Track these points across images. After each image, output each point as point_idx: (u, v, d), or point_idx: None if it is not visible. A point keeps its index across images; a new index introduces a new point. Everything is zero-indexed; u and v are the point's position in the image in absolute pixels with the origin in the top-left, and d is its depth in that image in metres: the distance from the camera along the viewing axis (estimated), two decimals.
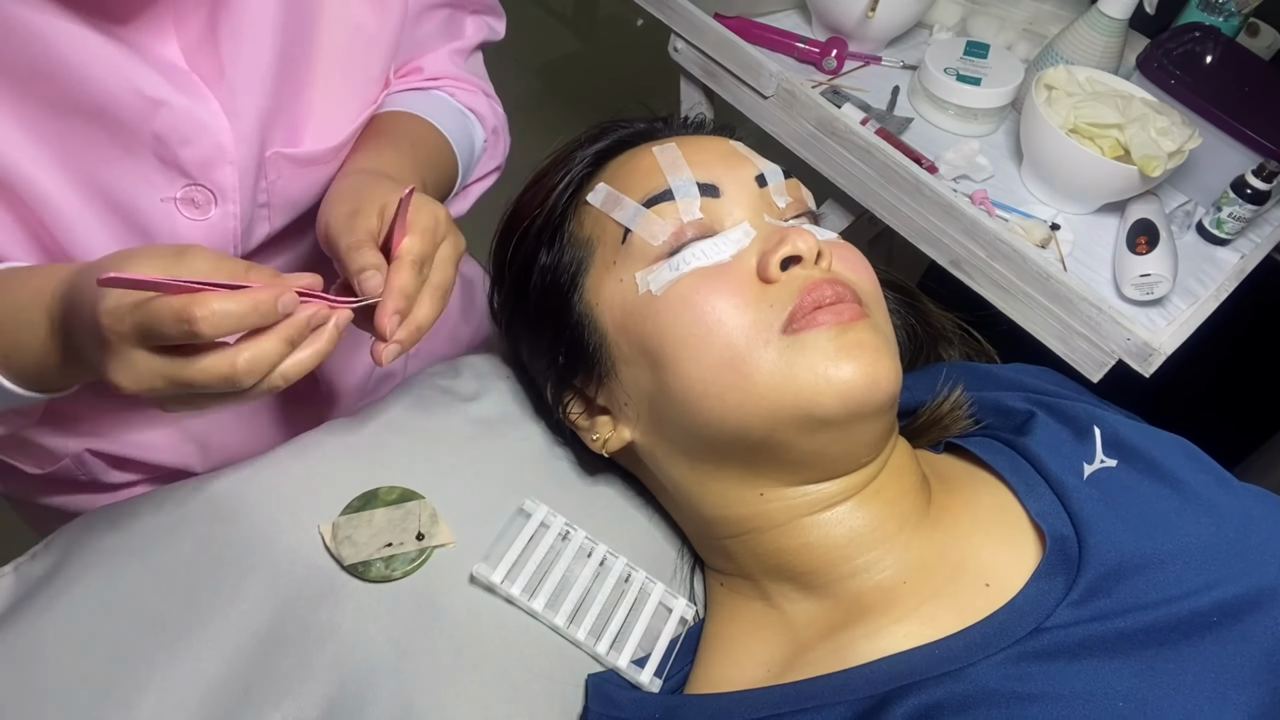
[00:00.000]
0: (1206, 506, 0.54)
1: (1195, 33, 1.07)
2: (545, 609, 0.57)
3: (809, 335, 0.52)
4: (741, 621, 0.58)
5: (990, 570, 0.53)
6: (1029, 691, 0.46)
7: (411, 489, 0.60)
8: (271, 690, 0.52)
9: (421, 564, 0.57)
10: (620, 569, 0.61)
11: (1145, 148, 0.91)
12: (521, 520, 0.60)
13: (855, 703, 0.49)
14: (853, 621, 0.53)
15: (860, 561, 0.55)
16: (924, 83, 1.05)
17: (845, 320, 0.53)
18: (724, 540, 0.59)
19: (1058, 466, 0.56)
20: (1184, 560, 0.51)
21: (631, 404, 0.59)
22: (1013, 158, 1.06)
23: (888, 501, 0.56)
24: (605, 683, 0.57)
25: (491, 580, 0.57)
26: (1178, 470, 0.55)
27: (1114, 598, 0.49)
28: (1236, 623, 0.49)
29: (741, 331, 0.53)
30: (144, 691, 0.50)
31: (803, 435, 0.53)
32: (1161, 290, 0.90)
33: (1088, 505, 0.53)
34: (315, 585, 0.55)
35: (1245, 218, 0.95)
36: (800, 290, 0.53)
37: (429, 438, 0.64)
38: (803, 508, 0.56)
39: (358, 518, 0.58)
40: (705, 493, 0.58)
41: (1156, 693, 0.46)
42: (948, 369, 0.69)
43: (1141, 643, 0.48)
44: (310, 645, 0.53)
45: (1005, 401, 0.64)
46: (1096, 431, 0.58)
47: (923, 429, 0.65)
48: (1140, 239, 0.92)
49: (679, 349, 0.54)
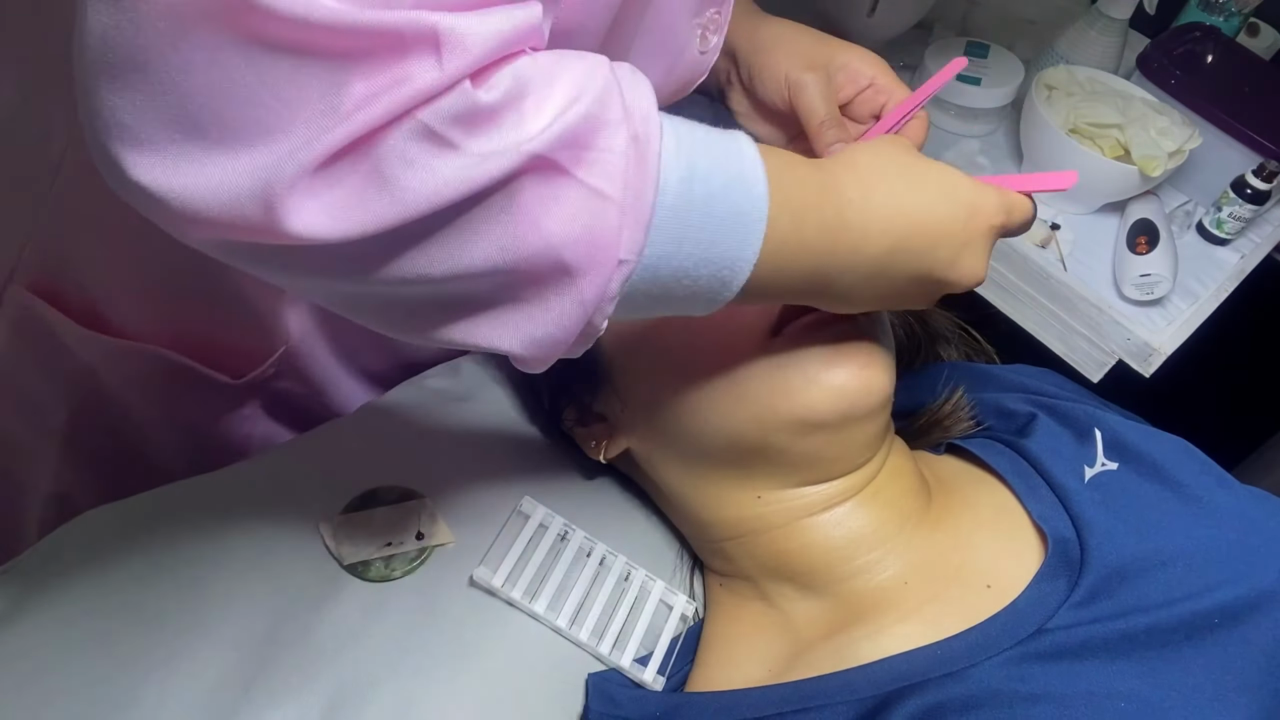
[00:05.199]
0: (1207, 509, 0.54)
1: (1195, 33, 1.07)
2: (547, 611, 0.57)
3: (801, 340, 0.52)
4: (741, 622, 0.58)
5: (992, 572, 0.53)
6: (1031, 692, 0.46)
7: (411, 488, 0.60)
8: (272, 690, 0.52)
9: (421, 563, 0.57)
10: (620, 568, 0.61)
11: (1145, 148, 0.91)
12: (520, 521, 0.60)
13: (857, 703, 0.49)
14: (854, 622, 0.53)
15: (861, 562, 0.55)
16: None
17: (836, 325, 0.53)
18: (722, 542, 0.59)
19: (1059, 469, 0.56)
20: (1185, 562, 0.51)
21: (627, 411, 0.59)
22: (1013, 158, 1.05)
23: (887, 503, 0.56)
24: (606, 682, 0.57)
25: (492, 584, 0.57)
26: (1178, 472, 0.55)
27: (1116, 600, 0.49)
28: (1238, 624, 0.49)
29: (733, 335, 0.53)
30: (144, 691, 0.50)
31: (797, 438, 0.53)
32: (1161, 290, 0.90)
33: (1089, 508, 0.53)
34: (315, 585, 0.55)
35: (1245, 218, 0.95)
36: None
37: (429, 437, 0.64)
38: (801, 510, 0.56)
39: (357, 517, 0.57)
40: (702, 497, 0.58)
41: (1158, 694, 0.46)
42: (948, 370, 0.69)
43: (1143, 644, 0.48)
44: (310, 645, 0.53)
45: (1006, 403, 0.64)
46: (1097, 434, 0.58)
47: (923, 430, 0.65)
48: (1140, 239, 0.92)
49: (672, 357, 0.54)
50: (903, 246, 0.46)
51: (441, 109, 0.32)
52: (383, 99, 0.31)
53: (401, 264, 0.35)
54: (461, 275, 0.35)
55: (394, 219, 0.33)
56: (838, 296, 0.47)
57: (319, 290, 0.39)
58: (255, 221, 0.32)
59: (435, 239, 0.34)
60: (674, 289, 0.39)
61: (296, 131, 0.31)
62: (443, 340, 0.39)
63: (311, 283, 0.38)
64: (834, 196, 0.44)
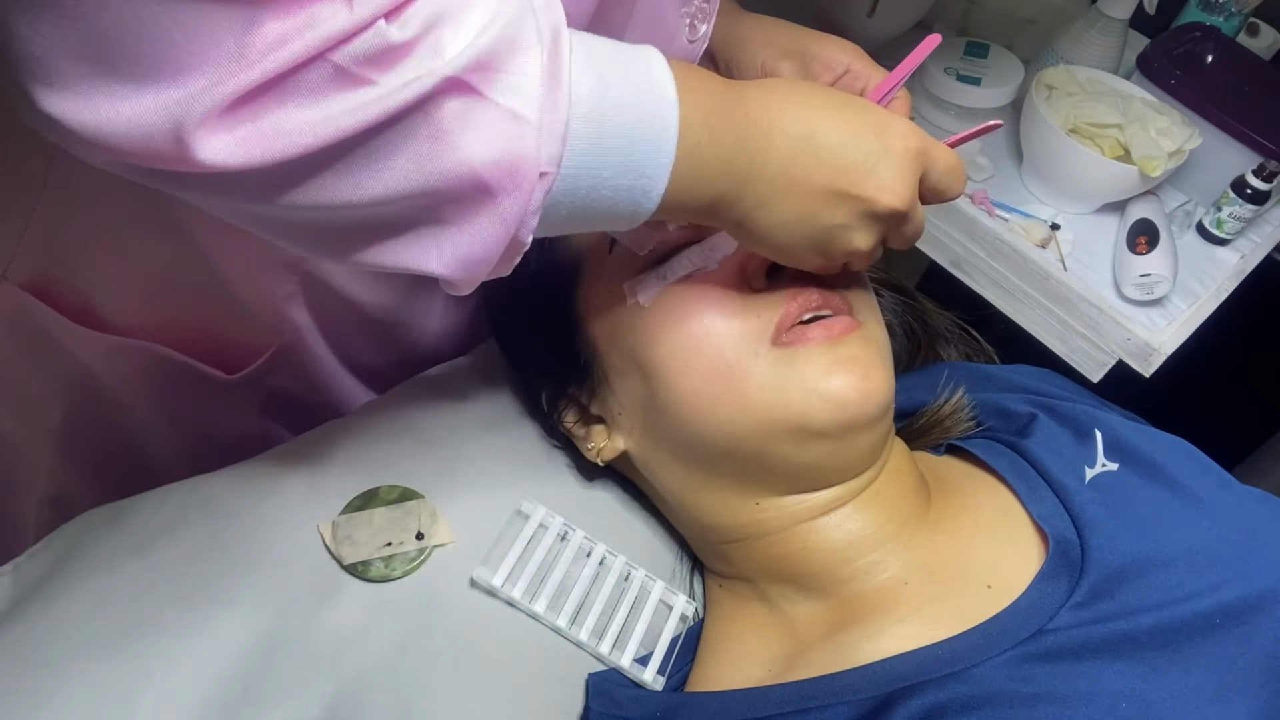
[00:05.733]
0: (1208, 509, 0.54)
1: (1195, 33, 1.07)
2: (547, 611, 0.57)
3: (799, 350, 0.52)
4: (741, 622, 0.58)
5: (992, 572, 0.53)
6: (1032, 692, 0.46)
7: (411, 488, 0.60)
8: (272, 690, 0.51)
9: (421, 563, 0.57)
10: (620, 568, 0.61)
11: (1145, 148, 0.91)
12: (520, 522, 0.60)
13: (858, 703, 0.49)
14: (854, 622, 0.53)
15: (861, 564, 0.55)
16: (924, 83, 1.05)
17: (836, 334, 0.53)
18: (721, 545, 0.59)
19: (1059, 470, 0.56)
20: (1186, 563, 0.51)
21: (625, 414, 0.59)
22: (1013, 158, 1.05)
23: (887, 504, 0.56)
24: (606, 682, 0.57)
25: (492, 584, 0.57)
26: (1179, 473, 0.55)
27: (1117, 600, 0.49)
28: (1238, 625, 0.49)
29: (730, 342, 0.53)
30: (144, 692, 0.50)
31: (796, 447, 0.53)
32: (1161, 290, 0.90)
33: (1090, 508, 0.53)
34: (315, 585, 0.55)
35: (1245, 218, 0.95)
36: (785, 297, 0.53)
37: (429, 437, 0.64)
38: (800, 514, 0.56)
39: (358, 517, 0.57)
40: (701, 501, 0.58)
41: (1159, 694, 0.46)
42: (948, 370, 0.69)
43: (1144, 645, 0.48)
44: (310, 645, 0.53)
45: (1006, 404, 0.64)
46: (1098, 434, 0.58)
47: (923, 431, 0.65)
48: (1140, 239, 0.92)
49: (669, 361, 0.54)
50: (812, 139, 0.45)
51: (354, 50, 0.33)
52: (294, 41, 0.32)
53: (319, 189, 0.35)
54: (381, 200, 0.36)
55: (306, 148, 0.33)
56: (754, 208, 0.46)
57: (240, 214, 0.39)
58: (166, 153, 0.33)
59: (352, 165, 0.35)
60: (595, 200, 0.40)
61: (207, 71, 0.31)
62: (367, 263, 0.40)
63: (230, 205, 0.38)
64: (740, 97, 0.45)
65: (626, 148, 0.40)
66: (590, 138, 0.38)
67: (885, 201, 0.47)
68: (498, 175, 0.37)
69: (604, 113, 0.39)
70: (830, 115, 0.46)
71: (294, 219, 0.38)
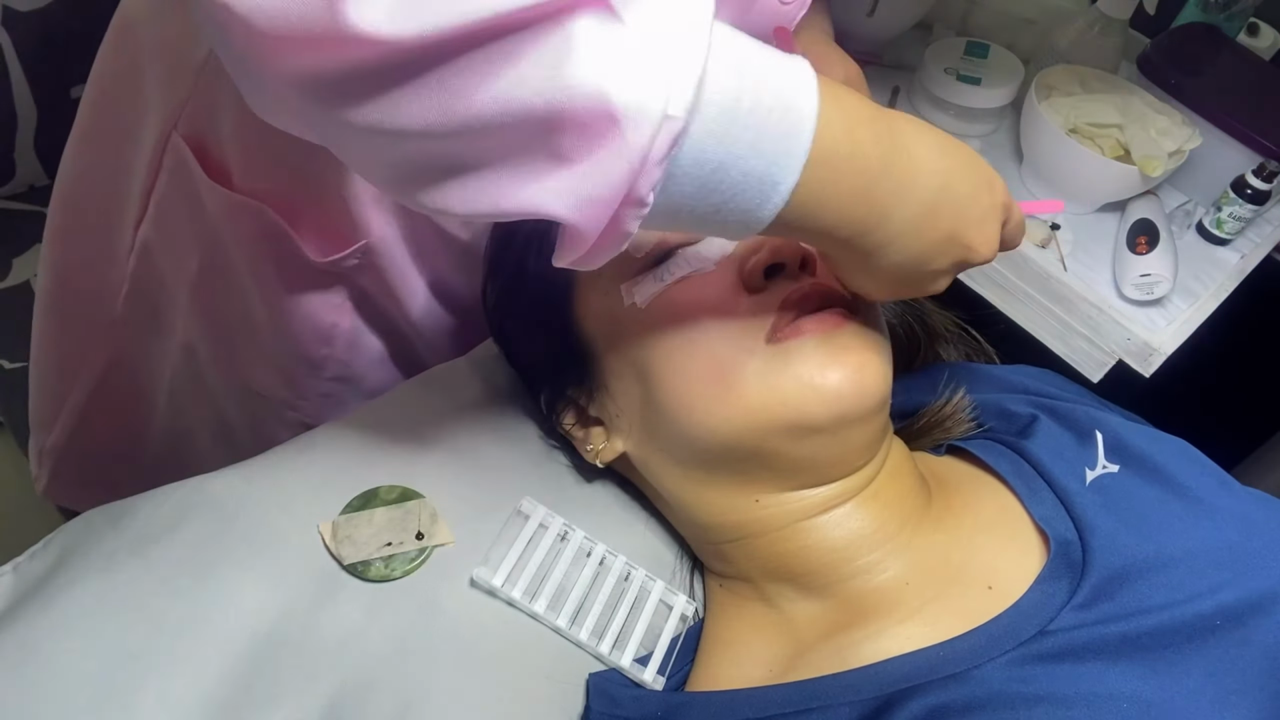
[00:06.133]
0: (1208, 510, 0.54)
1: (1195, 33, 1.07)
2: (547, 611, 0.57)
3: (794, 344, 0.52)
4: (741, 622, 0.58)
5: (993, 573, 0.53)
6: (1034, 693, 0.46)
7: (411, 488, 0.60)
8: (272, 690, 0.51)
9: (421, 563, 0.57)
10: (620, 568, 0.61)
11: (1145, 148, 0.91)
12: (520, 521, 0.60)
13: (859, 704, 0.49)
14: (854, 622, 0.53)
15: (861, 563, 0.55)
16: (924, 83, 1.05)
17: (829, 327, 0.53)
18: (721, 545, 0.59)
19: (1060, 471, 0.56)
20: (1187, 564, 0.51)
21: (624, 416, 0.59)
22: (1013, 158, 1.05)
23: (887, 503, 0.56)
24: (606, 682, 0.57)
25: (492, 584, 0.57)
26: (1179, 474, 0.55)
27: (1118, 601, 0.49)
28: (1239, 626, 0.49)
29: (726, 343, 0.53)
30: (144, 691, 0.50)
31: (793, 443, 0.53)
32: (1161, 290, 0.90)
33: (1091, 510, 0.53)
34: (315, 585, 0.55)
35: (1245, 218, 0.95)
36: (783, 296, 0.53)
37: (429, 437, 0.64)
38: (800, 512, 0.55)
39: (358, 517, 0.57)
40: (700, 501, 0.58)
41: (1160, 695, 0.46)
42: (948, 370, 0.69)
43: (1145, 646, 0.48)
44: (311, 645, 0.53)
45: (1007, 404, 0.64)
46: (1099, 436, 0.58)
47: (923, 431, 0.65)
48: (1140, 239, 0.92)
49: (665, 363, 0.54)
50: (950, 188, 0.45)
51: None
52: None
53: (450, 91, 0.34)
54: (507, 114, 0.35)
55: (451, 23, 0.33)
56: (881, 244, 0.45)
57: (367, 148, 0.39)
58: (317, 21, 0.33)
59: (486, 59, 0.34)
60: (721, 179, 0.38)
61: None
62: (482, 209, 0.38)
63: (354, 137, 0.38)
64: (891, 122, 0.44)
65: (761, 127, 0.38)
66: (727, 106, 0.37)
67: (985, 254, 0.48)
68: (625, 101, 0.35)
69: (742, 92, 0.37)
70: (963, 161, 0.46)
71: (408, 152, 0.37)
